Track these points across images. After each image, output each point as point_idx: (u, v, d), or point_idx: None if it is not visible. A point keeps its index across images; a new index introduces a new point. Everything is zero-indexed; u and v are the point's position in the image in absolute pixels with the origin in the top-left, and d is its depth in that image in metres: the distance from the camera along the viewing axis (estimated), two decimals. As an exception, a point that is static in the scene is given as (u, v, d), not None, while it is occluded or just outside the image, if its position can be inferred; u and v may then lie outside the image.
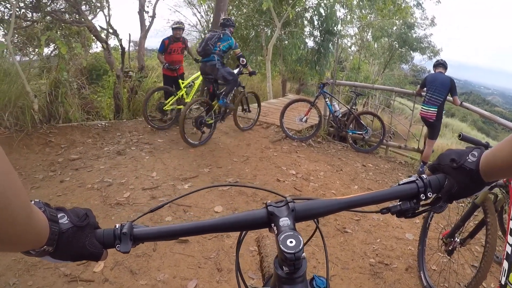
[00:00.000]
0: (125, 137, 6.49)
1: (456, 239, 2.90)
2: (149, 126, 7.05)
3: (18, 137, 5.53)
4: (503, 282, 1.87)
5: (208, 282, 2.98)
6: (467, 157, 0.85)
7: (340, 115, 7.84)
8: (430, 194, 0.87)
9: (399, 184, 0.90)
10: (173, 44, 7.46)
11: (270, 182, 5.14)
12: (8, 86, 5.83)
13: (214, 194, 4.53)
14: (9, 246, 0.59)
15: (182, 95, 7.32)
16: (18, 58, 7.92)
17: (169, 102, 7.24)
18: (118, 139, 6.33)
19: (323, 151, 7.03)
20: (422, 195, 0.87)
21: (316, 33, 17.15)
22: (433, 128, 6.29)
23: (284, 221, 0.79)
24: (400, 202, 0.89)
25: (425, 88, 6.40)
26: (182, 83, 7.35)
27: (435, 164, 0.93)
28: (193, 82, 7.54)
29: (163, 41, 7.43)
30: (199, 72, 7.26)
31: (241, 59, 6.78)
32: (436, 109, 6.06)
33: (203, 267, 3.16)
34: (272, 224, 0.81)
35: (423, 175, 0.90)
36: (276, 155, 6.28)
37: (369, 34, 21.80)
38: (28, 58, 8.45)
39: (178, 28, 7.53)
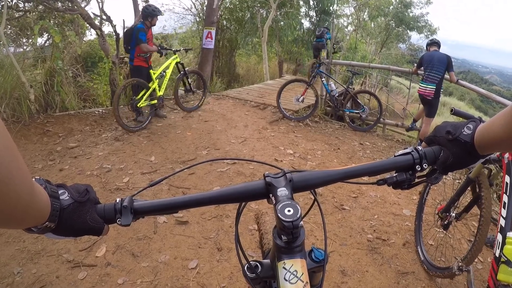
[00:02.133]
0: (122, 123, 6.50)
1: (452, 213, 2.92)
2: (124, 129, 6.06)
3: (15, 128, 5.58)
4: (497, 255, 1.91)
5: (208, 261, 3.02)
6: (463, 130, 0.86)
7: (337, 95, 7.86)
8: (425, 165, 0.89)
9: (395, 156, 0.91)
10: (149, 31, 6.61)
11: (268, 162, 5.15)
12: (4, 77, 5.86)
13: (213, 176, 4.56)
14: (13, 222, 0.59)
15: (155, 88, 6.56)
16: (12, 49, 7.92)
17: (142, 97, 6.30)
18: (115, 125, 6.33)
19: (320, 131, 7.05)
20: (417, 166, 0.88)
21: (312, 13, 17.13)
22: (431, 105, 6.29)
23: (282, 191, 0.81)
24: (396, 174, 0.91)
25: (422, 67, 6.43)
26: (154, 73, 6.53)
27: (431, 136, 0.94)
28: (164, 72, 6.79)
29: (144, 31, 6.31)
30: (169, 60, 6.94)
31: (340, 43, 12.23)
32: (434, 87, 6.09)
33: (203, 247, 3.20)
34: (270, 195, 0.82)
35: (419, 147, 0.91)
36: (273, 136, 6.30)
37: (366, 13, 21.63)
38: (22, 49, 8.44)
39: (158, 16, 6.73)
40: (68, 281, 2.74)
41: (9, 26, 8.41)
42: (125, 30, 6.89)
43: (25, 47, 8.82)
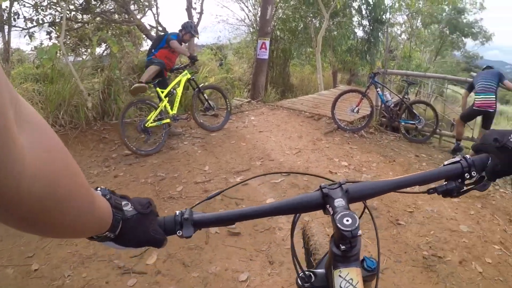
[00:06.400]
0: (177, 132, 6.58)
1: None
2: (131, 152, 5.53)
3: (73, 134, 5.80)
4: None
5: (259, 274, 2.97)
6: (510, 137, 0.88)
7: (392, 105, 7.64)
8: (474, 173, 0.90)
9: (444, 165, 0.93)
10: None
11: (322, 174, 5.06)
12: (63, 85, 6.14)
13: (266, 187, 4.52)
14: (75, 233, 0.64)
15: (165, 106, 6.00)
16: (71, 58, 8.26)
17: (151, 117, 5.76)
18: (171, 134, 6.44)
19: (375, 142, 6.89)
20: (466, 174, 0.90)
21: (365, 22, 16.95)
22: (491, 118, 5.95)
23: (339, 202, 0.83)
24: (446, 182, 0.92)
25: (474, 88, 6.10)
26: (162, 92, 5.99)
27: (478, 145, 0.97)
28: (174, 89, 6.18)
29: (177, 37, 6.28)
30: (179, 77, 6.30)
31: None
32: (495, 96, 5.78)
33: (254, 260, 3.17)
34: (327, 205, 0.85)
35: (467, 155, 0.93)
36: (328, 147, 6.20)
37: (419, 21, 21.23)
38: (81, 58, 8.74)
39: (192, 37, 6.81)
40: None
41: (68, 37, 8.76)
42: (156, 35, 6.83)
43: (83, 57, 9.16)
